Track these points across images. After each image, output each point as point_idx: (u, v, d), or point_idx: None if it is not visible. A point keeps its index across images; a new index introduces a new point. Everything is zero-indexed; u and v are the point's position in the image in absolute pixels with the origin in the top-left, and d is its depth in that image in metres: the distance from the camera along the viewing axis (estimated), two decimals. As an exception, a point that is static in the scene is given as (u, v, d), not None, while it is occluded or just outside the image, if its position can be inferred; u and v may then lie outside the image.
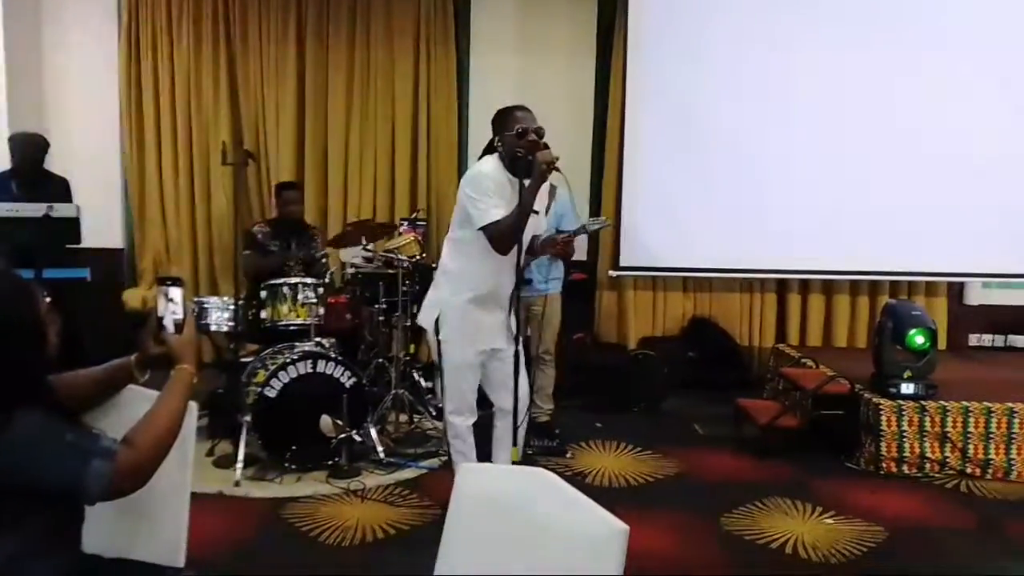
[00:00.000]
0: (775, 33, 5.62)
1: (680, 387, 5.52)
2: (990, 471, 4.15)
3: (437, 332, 3.13)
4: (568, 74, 6.11)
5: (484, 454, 3.33)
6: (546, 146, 2.91)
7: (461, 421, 3.18)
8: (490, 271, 3.05)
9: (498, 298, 3.11)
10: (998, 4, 5.57)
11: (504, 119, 3.04)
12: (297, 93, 6.05)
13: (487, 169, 3.03)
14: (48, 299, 1.62)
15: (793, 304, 6.13)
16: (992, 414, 4.16)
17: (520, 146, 2.90)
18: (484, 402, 3.29)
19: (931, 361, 4.28)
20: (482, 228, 2.94)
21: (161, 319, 1.75)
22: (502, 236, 2.91)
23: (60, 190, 4.85)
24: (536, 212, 2.97)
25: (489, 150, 3.14)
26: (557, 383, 4.65)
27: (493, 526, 1.47)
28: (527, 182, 2.85)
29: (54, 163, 5.04)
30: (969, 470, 4.15)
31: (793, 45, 5.62)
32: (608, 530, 1.29)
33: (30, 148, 4.82)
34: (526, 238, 2.99)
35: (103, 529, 1.74)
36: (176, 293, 1.76)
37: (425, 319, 3.21)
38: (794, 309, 6.12)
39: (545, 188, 3.08)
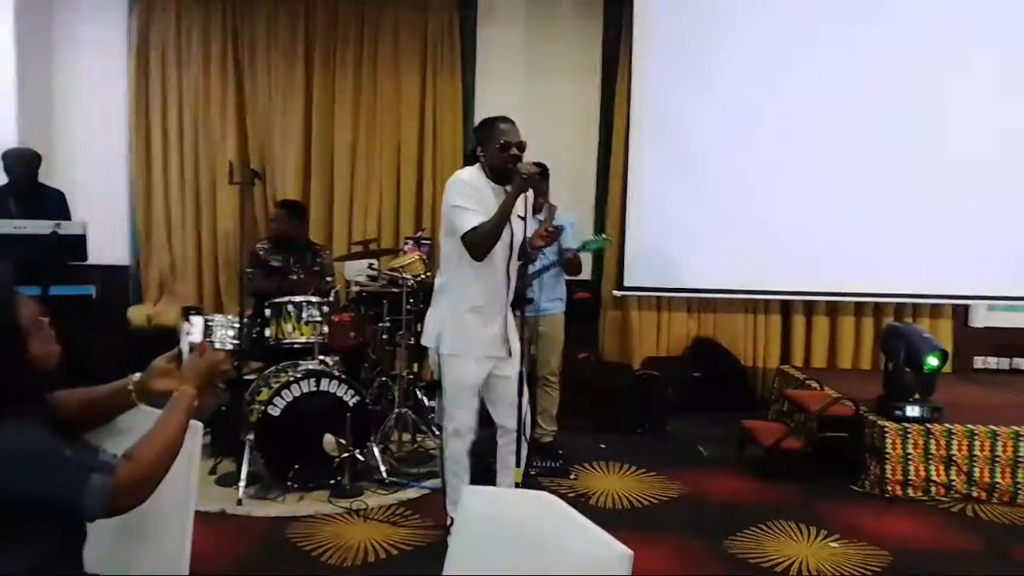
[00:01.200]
0: (778, 57, 5.66)
1: (684, 408, 5.50)
2: (996, 495, 4.12)
3: (438, 349, 3.14)
4: (573, 98, 6.16)
5: (489, 473, 3.34)
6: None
7: (459, 442, 3.18)
8: (482, 280, 3.09)
9: (495, 307, 3.12)
10: (1001, 23, 5.60)
11: (488, 130, 3.10)
12: (304, 113, 6.10)
13: (466, 176, 3.10)
14: (35, 304, 1.61)
15: (798, 325, 6.12)
16: (998, 437, 4.14)
17: (502, 159, 3.00)
18: (486, 421, 3.30)
19: (934, 382, 4.27)
20: (462, 236, 2.99)
21: (179, 345, 1.78)
22: (479, 241, 2.97)
23: (56, 203, 4.89)
24: (523, 218, 3.00)
25: (472, 159, 3.18)
26: (560, 403, 4.64)
27: (497, 549, 1.47)
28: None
29: (63, 179, 5.08)
30: (975, 494, 4.12)
31: (795, 68, 5.66)
32: (612, 555, 1.28)
33: (22, 163, 4.87)
34: (517, 246, 3.03)
35: (106, 547, 1.74)
36: (196, 320, 1.81)
37: (427, 338, 3.22)
38: (799, 330, 6.12)
39: (529, 194, 3.11)
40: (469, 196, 3.02)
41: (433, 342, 3.16)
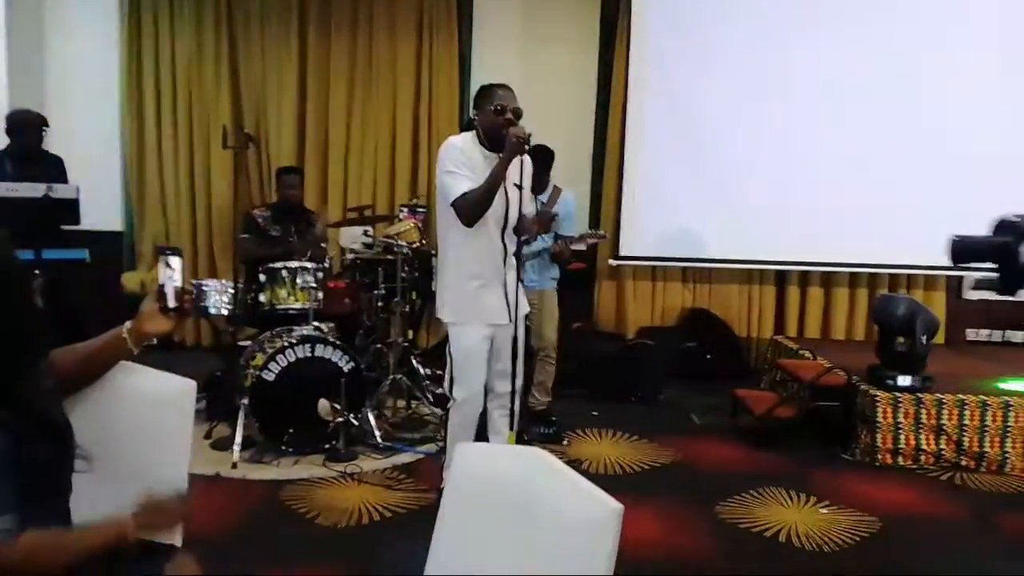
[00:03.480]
0: (777, 28, 5.63)
1: (678, 377, 5.53)
2: (984, 464, 4.16)
3: (443, 317, 3.15)
4: (570, 65, 6.12)
5: (481, 439, 3.35)
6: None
7: (467, 411, 3.17)
8: (476, 249, 3.07)
9: (493, 275, 3.11)
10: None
11: (485, 96, 3.07)
12: (299, 78, 6.05)
13: (458, 142, 3.08)
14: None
15: (792, 296, 6.14)
16: (987, 407, 4.17)
17: (496, 123, 2.98)
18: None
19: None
20: (452, 202, 2.98)
21: (162, 287, 1.75)
22: (468, 207, 2.96)
23: (55, 169, 4.82)
24: (520, 188, 2.97)
25: (470, 128, 3.16)
26: (556, 376, 4.65)
27: (489, 505, 1.48)
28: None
29: (55, 144, 5.03)
30: (964, 462, 4.16)
31: (794, 37, 5.62)
32: (602, 510, 1.29)
33: (28, 126, 4.77)
34: (513, 215, 3.01)
35: (98, 505, 1.74)
36: (175, 261, 1.76)
37: (438, 308, 3.23)
38: (793, 301, 6.14)
39: (527, 165, 3.08)
40: (460, 162, 3.00)
41: (439, 311, 3.18)
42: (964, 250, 2.19)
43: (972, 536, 3.43)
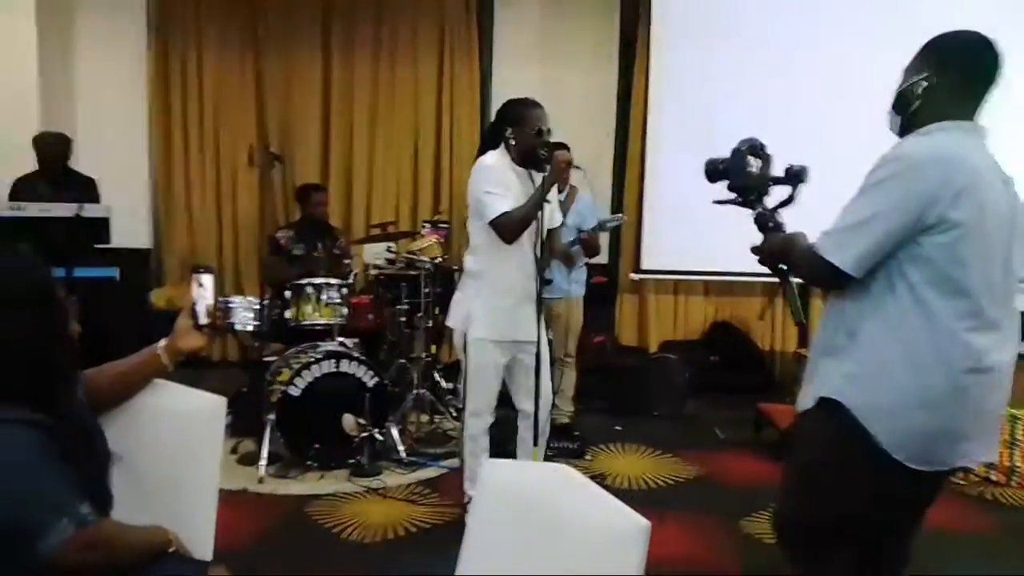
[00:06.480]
0: (797, 39, 5.60)
1: (701, 391, 5.50)
2: (1015, 478, 4.10)
3: (465, 331, 3.16)
4: (590, 83, 6.14)
5: (507, 455, 3.36)
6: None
7: (479, 422, 3.20)
8: (514, 265, 3.09)
9: (527, 291, 3.12)
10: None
11: (518, 115, 3.09)
12: (323, 97, 6.13)
13: (490, 162, 3.10)
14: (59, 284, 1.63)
15: (815, 308, 6.09)
16: (1018, 421, 4.11)
17: (539, 144, 3.01)
18: (505, 401, 3.32)
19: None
20: (492, 220, 2.99)
21: (195, 305, 1.80)
22: (511, 225, 2.99)
23: (87, 189, 4.94)
24: (548, 201, 3.00)
25: (490, 141, 3.19)
26: (577, 386, 4.66)
27: (516, 521, 1.49)
28: (539, 175, 2.97)
29: (85, 164, 5.13)
30: (994, 477, 4.11)
31: (815, 50, 5.59)
32: (630, 527, 1.30)
33: (54, 148, 4.92)
34: (543, 229, 3.04)
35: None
36: (207, 280, 1.81)
37: (453, 319, 3.24)
38: (817, 314, 6.06)
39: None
40: (497, 182, 3.03)
41: (461, 324, 3.18)
42: (712, 168, 2.28)
43: (1003, 551, 3.39)
